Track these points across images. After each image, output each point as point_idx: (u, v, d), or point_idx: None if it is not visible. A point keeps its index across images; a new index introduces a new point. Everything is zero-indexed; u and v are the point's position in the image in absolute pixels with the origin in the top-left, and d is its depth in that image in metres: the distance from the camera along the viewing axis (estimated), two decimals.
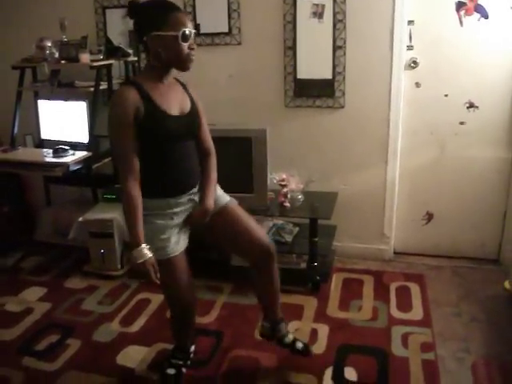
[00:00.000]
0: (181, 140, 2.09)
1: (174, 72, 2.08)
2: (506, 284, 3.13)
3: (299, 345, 2.52)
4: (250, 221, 2.30)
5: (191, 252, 2.25)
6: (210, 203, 2.18)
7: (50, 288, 3.40)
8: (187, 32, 1.93)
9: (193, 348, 2.52)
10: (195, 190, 2.19)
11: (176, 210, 2.11)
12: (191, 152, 2.16)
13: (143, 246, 1.96)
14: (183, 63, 1.99)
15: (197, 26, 3.50)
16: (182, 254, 2.17)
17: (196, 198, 2.20)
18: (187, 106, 2.12)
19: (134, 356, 2.66)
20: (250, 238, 2.26)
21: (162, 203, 2.08)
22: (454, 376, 2.43)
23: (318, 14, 3.28)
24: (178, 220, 2.14)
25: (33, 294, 3.33)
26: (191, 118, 2.13)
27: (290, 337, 2.52)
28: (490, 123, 3.32)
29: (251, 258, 2.34)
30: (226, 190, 2.36)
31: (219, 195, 2.29)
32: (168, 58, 1.97)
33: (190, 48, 1.96)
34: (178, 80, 2.18)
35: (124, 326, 2.94)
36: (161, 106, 2.00)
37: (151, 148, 2.02)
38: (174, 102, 2.07)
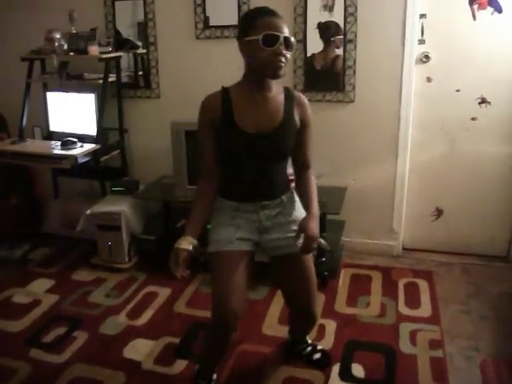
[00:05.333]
0: (252, 158, 1.95)
1: (277, 81, 1.94)
2: None
3: (316, 356, 2.52)
4: (313, 283, 2.18)
5: None
6: (314, 227, 1.96)
7: (58, 280, 3.40)
8: (270, 35, 1.76)
9: (215, 376, 2.33)
10: (269, 202, 2.06)
11: (239, 213, 2.04)
12: (269, 168, 2.02)
13: (185, 237, 1.93)
14: (267, 70, 1.82)
15: (206, 19, 3.48)
16: (238, 255, 2.03)
17: (266, 212, 2.06)
18: (275, 122, 1.93)
19: (140, 349, 2.65)
20: (304, 303, 2.20)
21: (228, 204, 2.05)
22: (463, 374, 2.41)
23: (329, 7, 3.25)
24: (239, 222, 2.05)
25: (40, 286, 3.33)
26: (276, 137, 1.94)
27: (308, 349, 2.54)
28: (502, 119, 3.28)
29: (296, 312, 2.35)
30: None
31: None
32: (252, 64, 1.87)
33: (276, 53, 1.78)
34: (287, 90, 2.01)
35: (131, 318, 2.94)
36: (237, 119, 1.89)
37: (223, 156, 1.99)
38: (257, 118, 1.91)
